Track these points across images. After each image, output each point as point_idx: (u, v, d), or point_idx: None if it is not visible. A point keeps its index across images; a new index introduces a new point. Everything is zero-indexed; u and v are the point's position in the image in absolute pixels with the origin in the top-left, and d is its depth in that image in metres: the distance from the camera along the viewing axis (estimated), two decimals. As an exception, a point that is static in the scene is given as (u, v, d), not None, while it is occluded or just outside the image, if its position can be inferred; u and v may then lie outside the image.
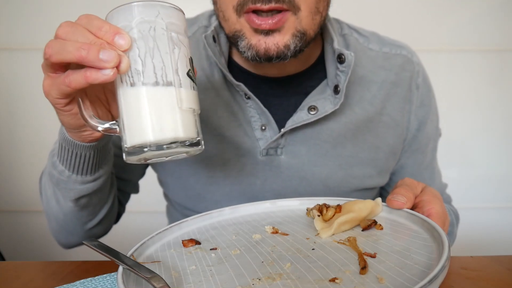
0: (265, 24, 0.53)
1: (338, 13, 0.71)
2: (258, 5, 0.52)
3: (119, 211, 0.76)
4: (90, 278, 0.44)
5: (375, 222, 0.45)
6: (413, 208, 0.49)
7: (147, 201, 1.19)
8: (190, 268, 0.41)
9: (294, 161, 0.66)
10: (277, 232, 0.48)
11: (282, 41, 0.54)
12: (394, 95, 0.68)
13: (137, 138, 0.38)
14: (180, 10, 0.41)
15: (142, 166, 0.77)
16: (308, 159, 0.66)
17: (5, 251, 1.27)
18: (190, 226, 0.53)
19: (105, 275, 0.44)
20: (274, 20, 0.52)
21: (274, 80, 0.67)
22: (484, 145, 1.40)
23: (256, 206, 0.57)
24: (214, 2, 0.60)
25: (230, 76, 0.62)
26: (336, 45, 0.62)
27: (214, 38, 0.63)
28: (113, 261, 0.38)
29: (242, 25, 0.55)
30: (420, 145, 0.72)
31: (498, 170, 1.41)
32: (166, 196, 0.79)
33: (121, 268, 0.37)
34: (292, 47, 0.55)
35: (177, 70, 0.39)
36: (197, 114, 0.42)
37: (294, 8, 0.53)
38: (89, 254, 0.53)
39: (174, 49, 0.39)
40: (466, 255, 0.46)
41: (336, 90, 0.62)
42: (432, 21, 1.33)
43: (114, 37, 0.37)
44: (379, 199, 0.49)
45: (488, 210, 1.42)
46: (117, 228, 0.79)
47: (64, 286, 0.42)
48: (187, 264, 0.42)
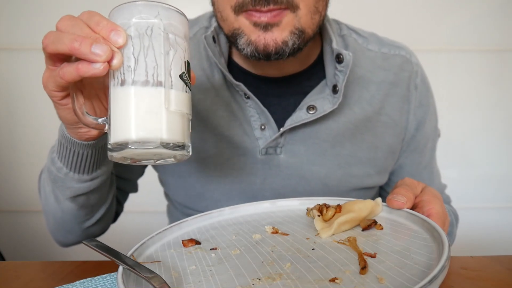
0: (264, 16, 0.53)
1: (338, 13, 0.71)
2: (258, 7, 0.52)
3: (117, 211, 0.76)
4: (90, 278, 0.44)
5: (375, 222, 0.45)
6: (413, 208, 0.49)
7: (147, 201, 1.19)
8: (190, 268, 0.41)
9: (293, 160, 0.66)
10: (277, 232, 0.48)
11: (280, 37, 0.55)
12: (392, 95, 0.68)
13: (119, 135, 0.38)
14: (182, 14, 0.41)
15: (141, 165, 0.77)
16: (307, 158, 0.66)
17: (5, 251, 1.27)
18: (190, 226, 0.53)
19: (105, 275, 0.44)
20: (273, 13, 0.53)
21: (274, 80, 0.67)
22: (484, 145, 1.40)
23: (256, 206, 0.57)
24: (212, 3, 0.60)
25: (229, 76, 0.63)
26: (334, 45, 0.63)
27: (214, 38, 0.64)
28: (113, 261, 0.38)
29: (241, 23, 0.55)
30: (418, 144, 0.72)
31: (498, 170, 1.41)
32: (167, 195, 0.79)
33: (121, 268, 0.37)
34: (290, 44, 0.55)
35: (170, 71, 0.38)
36: (187, 118, 0.41)
37: (293, 7, 0.53)
38: (89, 254, 0.53)
39: (169, 50, 0.39)
40: (466, 255, 0.46)
41: (334, 89, 0.62)
42: (432, 21, 1.34)
43: (110, 33, 0.37)
44: (379, 199, 0.49)
45: (488, 210, 1.42)
46: (116, 228, 0.79)
47: (64, 286, 0.42)
48: (187, 264, 0.42)
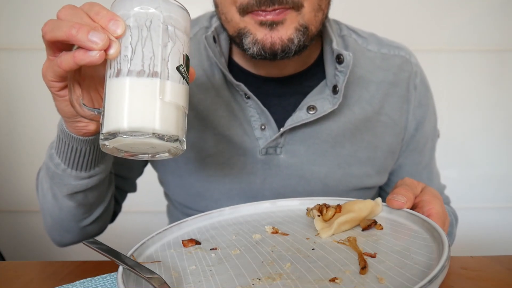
0: (269, 14, 0.54)
1: (339, 13, 0.71)
2: (263, 7, 0.53)
3: (116, 210, 0.76)
4: (90, 278, 0.44)
5: (375, 222, 0.45)
6: (413, 208, 0.49)
7: (147, 201, 1.19)
8: (190, 268, 0.41)
9: (293, 160, 0.66)
10: (277, 232, 0.48)
11: (285, 34, 0.55)
12: (392, 95, 0.69)
13: (111, 124, 0.37)
14: (184, 9, 0.41)
15: (140, 164, 0.76)
16: (307, 158, 0.66)
17: (5, 251, 1.27)
18: (190, 226, 0.53)
19: (105, 275, 0.44)
20: (277, 11, 0.53)
21: (274, 80, 0.67)
22: (484, 145, 1.40)
23: (256, 206, 0.57)
24: (215, 5, 0.60)
25: (230, 76, 0.63)
26: (335, 45, 0.63)
27: (214, 38, 0.64)
28: (113, 261, 0.38)
29: (246, 22, 0.56)
30: (418, 145, 0.73)
31: (498, 170, 1.41)
32: (167, 195, 0.79)
33: (121, 268, 0.37)
34: (296, 41, 0.56)
35: (167, 63, 0.38)
36: (183, 112, 0.40)
37: (297, 6, 0.54)
38: (89, 254, 0.53)
39: (168, 42, 0.38)
40: (466, 255, 0.46)
41: (335, 90, 0.62)
42: (432, 21, 1.34)
43: (109, 22, 0.37)
44: (379, 199, 0.49)
45: (488, 210, 1.42)
46: (116, 228, 0.79)
47: (64, 286, 0.42)
48: (187, 264, 0.42)
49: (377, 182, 0.71)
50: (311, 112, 0.63)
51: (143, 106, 0.37)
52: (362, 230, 0.45)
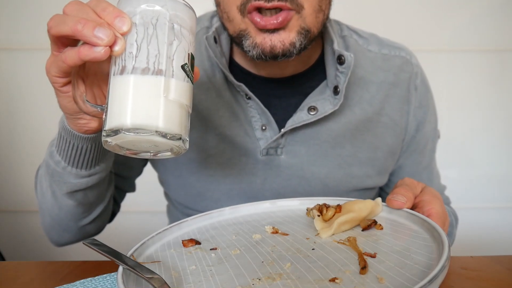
0: (270, 24, 0.53)
1: (339, 13, 0.71)
2: (261, 2, 0.52)
3: (114, 210, 0.76)
4: (90, 278, 0.44)
5: (375, 222, 0.45)
6: (413, 208, 0.49)
7: (147, 201, 1.19)
8: (190, 268, 0.41)
9: (294, 160, 0.66)
10: (277, 232, 0.48)
11: (288, 38, 0.55)
12: (393, 96, 0.69)
13: (114, 121, 0.37)
14: (190, 8, 0.41)
15: (140, 163, 0.76)
16: (307, 159, 0.66)
17: (5, 251, 1.27)
18: (190, 226, 0.53)
19: (105, 275, 0.44)
20: (279, 19, 0.53)
21: (275, 80, 0.67)
22: (484, 145, 1.40)
23: (256, 206, 0.57)
24: (217, 3, 0.60)
25: (231, 76, 0.63)
26: (336, 46, 0.63)
27: (215, 39, 0.64)
28: (113, 261, 0.38)
29: (247, 24, 0.55)
30: (418, 145, 0.73)
31: (498, 170, 1.41)
32: (167, 195, 0.79)
33: (121, 268, 0.37)
34: (297, 45, 0.55)
35: (172, 61, 0.38)
36: (187, 110, 0.40)
37: (297, 7, 0.53)
38: (89, 254, 0.53)
39: (173, 40, 0.38)
40: (466, 255, 0.46)
41: (335, 90, 0.62)
42: (432, 21, 1.34)
43: (115, 19, 0.37)
44: (379, 199, 0.50)
45: (488, 210, 1.42)
46: (116, 228, 0.79)
47: (64, 286, 0.42)
48: (187, 264, 0.42)
49: (377, 183, 0.71)
50: (312, 113, 0.63)
51: (147, 103, 0.37)
52: (362, 230, 0.45)
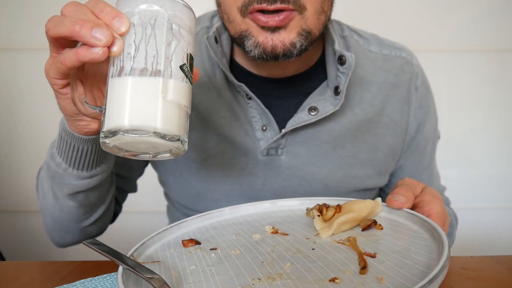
0: (272, 21, 0.53)
1: (339, 13, 0.71)
2: (264, 5, 0.52)
3: (116, 211, 0.76)
4: (90, 278, 0.44)
5: (375, 222, 0.45)
6: (413, 208, 0.49)
7: (147, 201, 1.19)
8: (190, 268, 0.41)
9: (294, 161, 0.66)
10: (277, 232, 0.48)
11: (288, 38, 0.55)
12: (393, 97, 0.68)
13: (112, 122, 0.37)
14: (189, 8, 0.41)
15: (141, 164, 0.76)
16: (308, 159, 0.66)
17: (5, 251, 1.27)
18: (190, 226, 0.53)
19: (105, 275, 0.44)
20: (281, 17, 0.53)
21: (275, 81, 0.67)
22: (484, 145, 1.40)
23: (256, 206, 0.57)
24: (218, 4, 0.60)
25: (231, 76, 0.63)
26: (337, 46, 0.63)
27: (216, 39, 0.63)
28: (113, 261, 0.38)
29: (248, 24, 0.55)
30: (418, 146, 0.73)
31: (498, 170, 1.41)
32: (167, 195, 0.79)
33: (121, 268, 0.37)
34: (298, 45, 0.55)
35: (170, 61, 0.38)
36: (186, 111, 0.40)
37: (300, 8, 0.53)
38: (89, 254, 0.53)
39: (172, 41, 0.38)
40: (466, 255, 0.46)
41: (336, 91, 0.62)
42: (432, 21, 1.34)
43: (113, 19, 0.37)
44: (379, 199, 0.50)
45: (488, 210, 1.42)
46: (116, 228, 0.78)
47: (64, 286, 0.42)
48: (187, 264, 0.42)
49: (377, 183, 0.71)
50: (313, 113, 0.63)
51: (145, 104, 0.37)
52: (362, 230, 0.45)
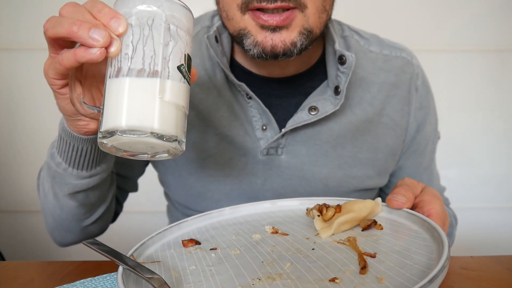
0: (272, 20, 0.52)
1: (340, 13, 0.71)
2: (264, 3, 0.52)
3: (117, 210, 0.76)
4: (90, 278, 0.44)
5: (375, 222, 0.45)
6: (413, 208, 0.49)
7: (147, 201, 1.19)
8: (190, 268, 0.41)
9: (294, 161, 0.66)
10: (277, 232, 0.48)
11: (289, 38, 0.54)
12: (393, 97, 0.68)
13: (110, 122, 0.37)
14: (187, 8, 0.41)
15: (142, 163, 0.76)
16: (308, 159, 0.66)
17: (5, 251, 1.27)
18: (190, 226, 0.53)
19: (105, 275, 0.44)
20: (282, 17, 0.52)
21: (276, 80, 0.67)
22: (484, 145, 1.40)
23: (256, 206, 0.57)
24: (217, 2, 0.60)
25: (232, 76, 0.62)
26: (337, 46, 0.63)
27: (216, 38, 0.63)
28: (113, 261, 0.38)
29: (247, 22, 0.55)
30: (418, 146, 0.73)
31: (498, 170, 1.41)
32: (167, 195, 0.79)
33: (121, 268, 0.37)
34: (298, 45, 0.55)
35: (167, 62, 0.38)
36: (183, 112, 0.40)
37: (301, 6, 0.53)
38: (89, 254, 0.53)
39: (169, 41, 0.38)
40: (466, 255, 0.46)
41: (336, 91, 0.62)
42: (432, 21, 1.34)
43: (110, 20, 0.37)
44: (379, 199, 0.50)
45: (488, 210, 1.42)
46: (116, 228, 0.79)
47: (64, 286, 0.43)
48: (187, 264, 0.42)
49: (377, 184, 0.71)
50: (313, 113, 0.63)
51: (142, 104, 0.37)
52: (362, 230, 0.45)
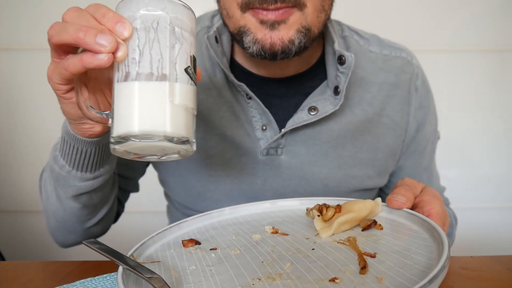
0: (271, 14, 0.53)
1: (339, 13, 0.71)
2: (264, 5, 0.52)
3: (118, 211, 0.76)
4: (90, 278, 0.44)
5: (375, 222, 0.45)
6: (413, 208, 0.49)
7: (147, 201, 1.19)
8: (190, 268, 0.41)
9: (294, 161, 0.66)
10: (277, 232, 0.48)
11: (287, 35, 0.54)
12: (393, 97, 0.69)
13: (122, 128, 0.37)
14: (189, 9, 0.41)
15: (143, 164, 0.77)
16: (308, 159, 0.66)
17: (5, 251, 1.27)
18: (190, 226, 0.53)
19: (105, 275, 0.44)
20: (280, 11, 0.53)
21: (275, 80, 0.67)
22: (484, 145, 1.40)
23: (256, 206, 0.57)
24: (217, 0, 0.60)
25: (232, 76, 0.63)
26: (336, 46, 0.63)
27: (216, 38, 0.63)
28: (113, 261, 0.38)
29: (247, 20, 0.55)
30: (418, 146, 0.73)
31: (498, 170, 1.41)
32: (167, 195, 0.79)
33: (121, 268, 0.37)
34: (296, 43, 0.55)
35: (175, 65, 0.38)
36: (192, 113, 0.40)
37: (300, 5, 0.53)
38: (89, 254, 0.53)
39: (175, 44, 0.38)
40: (466, 255, 0.46)
41: (336, 91, 0.62)
42: (432, 21, 1.34)
43: (115, 24, 0.37)
44: (379, 199, 0.50)
45: (488, 210, 1.42)
46: (117, 228, 0.79)
47: (64, 286, 0.43)
48: (187, 264, 0.42)
49: (377, 184, 0.71)
50: (313, 113, 0.63)
51: (154, 109, 0.37)
52: (362, 230, 0.45)
